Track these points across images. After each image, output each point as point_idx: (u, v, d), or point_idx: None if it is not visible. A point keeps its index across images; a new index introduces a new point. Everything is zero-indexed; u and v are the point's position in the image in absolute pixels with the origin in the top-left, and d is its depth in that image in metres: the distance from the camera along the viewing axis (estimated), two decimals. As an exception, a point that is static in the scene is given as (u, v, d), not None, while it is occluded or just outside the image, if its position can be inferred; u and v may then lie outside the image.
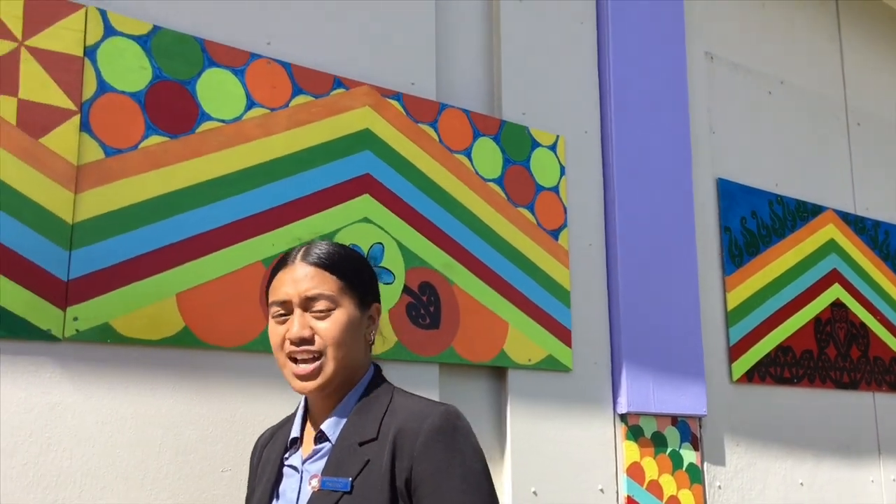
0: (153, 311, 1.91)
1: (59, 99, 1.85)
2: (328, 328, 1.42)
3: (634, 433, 2.77)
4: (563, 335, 2.65)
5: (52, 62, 1.85)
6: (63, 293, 1.80)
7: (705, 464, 2.98)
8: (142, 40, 1.99)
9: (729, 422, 3.10)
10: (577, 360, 2.68)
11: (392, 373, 2.18)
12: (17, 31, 1.82)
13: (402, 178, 2.38)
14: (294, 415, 1.55)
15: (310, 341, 1.42)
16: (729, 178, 3.33)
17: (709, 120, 3.31)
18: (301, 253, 1.48)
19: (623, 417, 2.75)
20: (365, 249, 2.27)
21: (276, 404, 2.06)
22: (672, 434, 2.88)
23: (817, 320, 3.47)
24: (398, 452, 1.36)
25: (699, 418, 2.96)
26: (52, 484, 1.75)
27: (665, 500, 2.80)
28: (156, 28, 2.02)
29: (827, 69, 3.85)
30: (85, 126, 1.88)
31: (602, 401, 2.72)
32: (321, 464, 1.42)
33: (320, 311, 1.43)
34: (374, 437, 1.40)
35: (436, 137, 2.47)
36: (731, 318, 3.20)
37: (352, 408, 1.45)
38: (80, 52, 1.90)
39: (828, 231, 3.61)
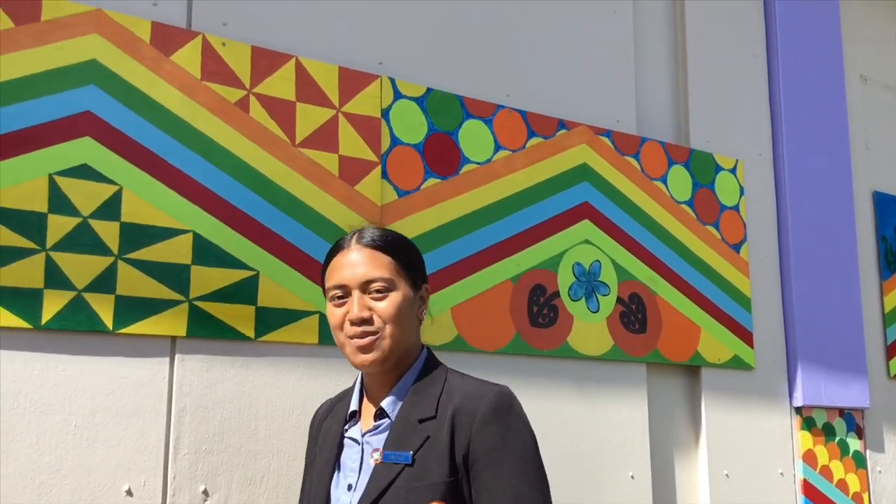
0: (435, 322, 2.36)
1: (366, 153, 2.31)
2: (385, 308, 1.51)
3: (808, 424, 3.11)
4: (746, 337, 3.02)
5: (359, 123, 2.32)
6: (374, 309, 2.27)
7: (868, 451, 3.30)
8: (419, 101, 2.44)
9: (887, 413, 3.41)
10: (759, 359, 3.04)
11: (606, 371, 2.60)
12: (335, 100, 2.29)
13: (613, 205, 2.78)
14: (351, 390, 1.66)
15: (369, 321, 1.50)
16: (884, 190, 3.62)
17: (864, 137, 3.60)
18: (355, 237, 1.57)
19: (798, 410, 3.10)
20: (586, 266, 2.68)
21: (528, 396, 2.48)
22: (840, 424, 3.21)
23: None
24: (457, 430, 1.45)
25: (862, 410, 3.28)
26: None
27: (835, 482, 3.14)
28: (429, 90, 2.46)
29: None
30: (384, 174, 2.34)
31: (780, 395, 3.08)
32: (381, 437, 1.51)
33: (378, 293, 1.52)
34: (432, 415, 1.48)
35: (638, 167, 2.86)
36: (889, 318, 3.50)
37: (409, 387, 1.54)
38: (378, 114, 2.35)
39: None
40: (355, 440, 1.55)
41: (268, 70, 2.19)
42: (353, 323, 1.51)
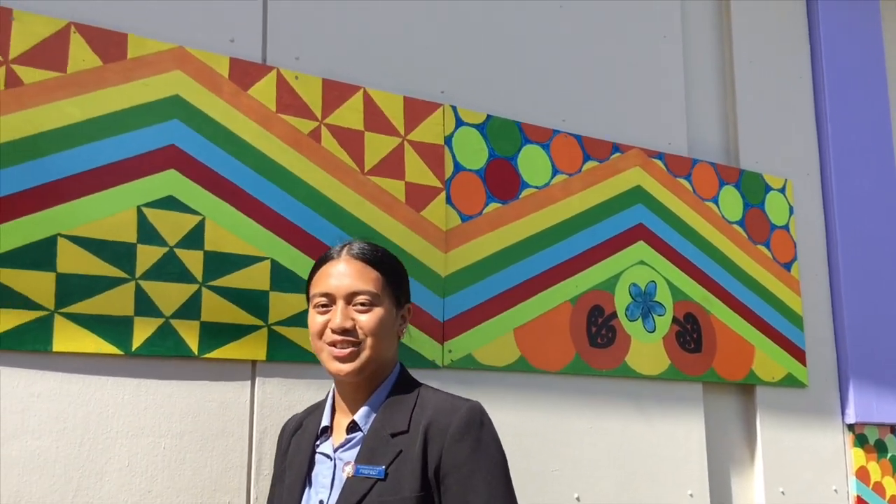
0: (499, 344, 2.42)
1: (430, 179, 2.38)
2: (368, 321, 1.53)
3: (860, 441, 3.13)
4: (799, 355, 3.04)
5: (424, 151, 2.38)
6: (440, 331, 2.33)
7: (920, 468, 3.31)
8: (480, 127, 2.50)
9: (939, 431, 3.42)
10: (811, 376, 3.06)
11: (663, 390, 2.63)
12: (401, 128, 2.36)
13: (667, 226, 2.82)
14: (321, 405, 1.67)
15: (352, 332, 1.53)
16: (930, 207, 3.63)
17: (909, 154, 3.62)
18: (346, 249, 1.59)
19: (850, 427, 3.12)
20: (642, 287, 2.72)
21: (588, 416, 2.53)
22: (892, 441, 3.23)
23: None
24: (429, 444, 1.46)
25: (914, 427, 3.30)
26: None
27: (888, 498, 3.15)
28: (489, 117, 2.53)
29: None
30: (448, 199, 2.40)
31: (832, 412, 3.10)
32: (353, 452, 1.51)
33: (362, 305, 1.54)
34: (405, 429, 1.49)
35: (690, 189, 2.91)
36: (937, 335, 3.51)
37: (382, 401, 1.55)
38: (441, 141, 2.42)
39: None
40: (328, 455, 1.56)
41: (338, 101, 2.26)
42: (333, 331, 1.53)
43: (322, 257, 1.63)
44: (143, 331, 1.91)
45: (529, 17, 2.69)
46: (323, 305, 1.56)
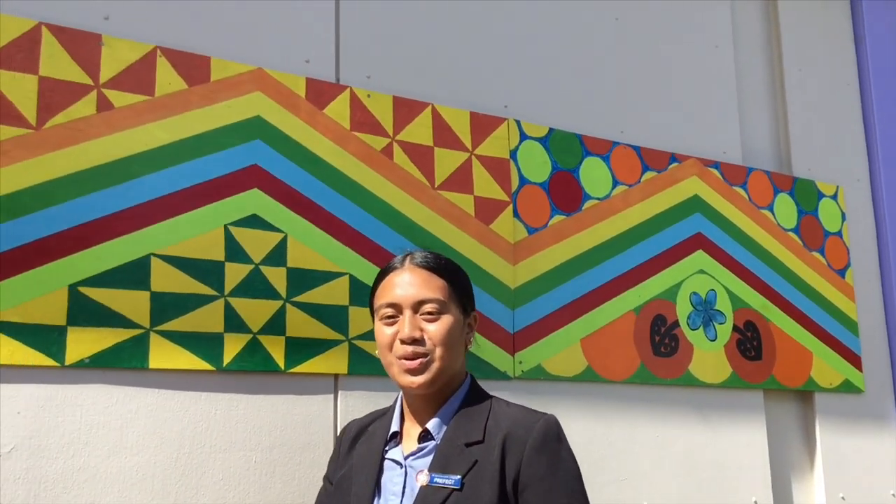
0: (567, 354, 2.44)
1: (498, 193, 2.41)
2: (437, 330, 1.50)
3: (918, 445, 3.13)
4: (855, 361, 3.06)
5: (491, 165, 2.42)
6: (511, 343, 2.36)
7: (976, 472, 3.31)
8: (542, 141, 2.54)
9: None
10: (867, 382, 3.08)
11: (725, 398, 2.66)
12: (468, 143, 2.40)
13: (724, 234, 2.85)
14: (386, 411, 1.66)
15: (420, 342, 1.50)
16: (978, 210, 3.64)
17: (956, 159, 3.63)
18: (409, 258, 1.57)
19: (908, 432, 3.13)
20: (703, 296, 2.74)
21: (653, 424, 2.55)
22: (948, 446, 3.23)
23: None
24: (507, 455, 1.44)
25: (969, 431, 3.30)
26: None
27: (946, 504, 3.15)
28: (551, 130, 2.56)
29: None
30: (515, 212, 2.44)
31: (889, 417, 3.11)
32: (427, 461, 1.49)
33: (430, 314, 1.51)
34: (480, 439, 1.47)
35: (746, 197, 2.93)
36: None
37: (455, 410, 1.53)
38: (506, 155, 2.46)
39: None
40: (398, 462, 1.53)
41: (408, 118, 2.30)
42: (403, 342, 1.50)
43: (384, 268, 1.61)
44: (232, 347, 1.95)
45: (587, 32, 2.73)
46: (389, 317, 1.54)
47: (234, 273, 1.98)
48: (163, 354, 1.87)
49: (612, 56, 2.77)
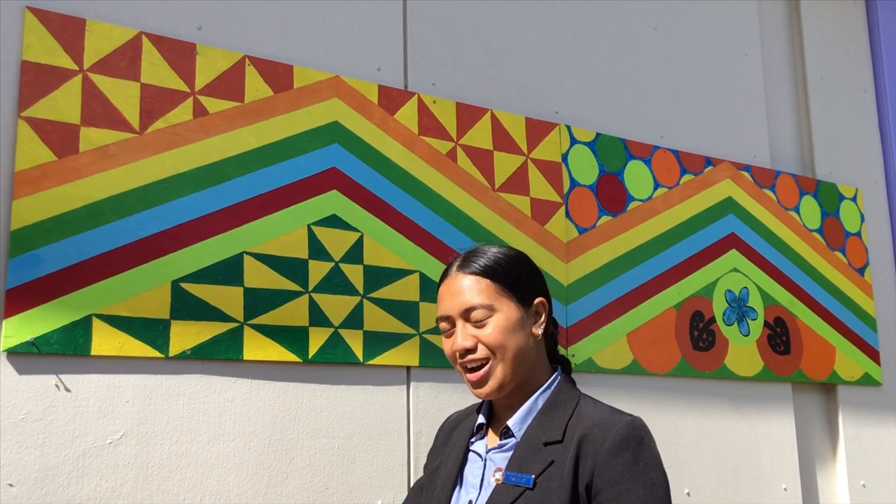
0: (615, 348, 2.58)
1: (551, 195, 2.54)
2: (489, 335, 1.44)
3: (932, 436, 3.30)
4: (874, 355, 3.22)
5: (545, 168, 2.55)
6: (564, 337, 2.49)
7: (984, 462, 3.48)
8: (590, 145, 2.67)
9: None
10: (885, 375, 3.24)
11: (757, 390, 2.80)
12: (524, 147, 2.52)
13: (755, 235, 2.99)
14: (483, 403, 1.61)
15: (473, 350, 1.45)
16: (984, 212, 3.81)
17: (964, 163, 3.81)
18: (458, 264, 1.52)
19: (922, 423, 3.29)
20: (737, 293, 2.89)
21: (692, 415, 2.70)
22: (959, 436, 3.40)
23: None
24: (582, 457, 1.37)
25: (978, 423, 3.47)
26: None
27: (958, 492, 3.32)
28: (598, 135, 2.69)
29: None
30: (567, 213, 2.57)
31: (906, 409, 3.28)
32: (505, 456, 1.46)
33: (479, 321, 1.46)
34: (559, 439, 1.41)
35: (774, 199, 3.08)
36: None
37: (538, 408, 1.47)
38: (559, 159, 2.58)
39: None
40: (479, 454, 1.51)
41: (469, 123, 2.43)
42: (459, 354, 1.47)
43: (441, 277, 1.56)
44: (317, 340, 2.06)
45: (629, 43, 2.86)
46: (447, 330, 1.51)
47: (317, 270, 2.09)
48: (255, 347, 1.98)
49: (652, 64, 2.90)
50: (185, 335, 1.90)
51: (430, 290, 2.25)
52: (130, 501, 1.80)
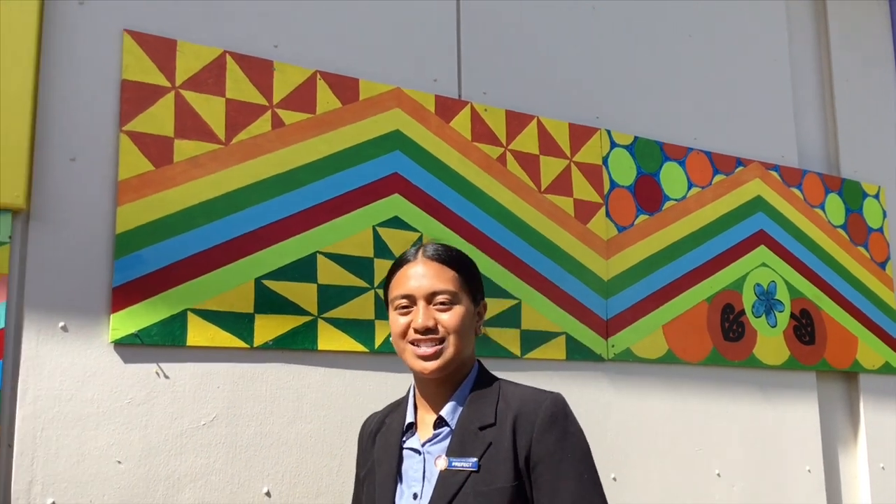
0: (651, 339, 2.76)
1: (593, 196, 2.72)
2: (450, 319, 1.56)
3: (949, 422, 3.47)
4: (893, 345, 3.38)
5: (587, 170, 2.72)
6: (604, 329, 2.67)
7: None
8: (629, 148, 2.84)
9: None
10: (905, 364, 3.41)
11: (783, 379, 2.97)
12: (567, 151, 2.70)
13: (783, 231, 3.16)
14: (400, 403, 1.71)
15: (434, 330, 1.55)
16: None
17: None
18: (421, 251, 1.62)
19: (940, 410, 3.46)
20: (765, 286, 3.06)
21: (723, 401, 2.88)
22: (975, 423, 3.56)
23: None
24: (518, 435, 1.50)
25: None
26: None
27: (973, 475, 3.49)
28: (636, 138, 2.86)
29: None
30: (607, 213, 2.74)
31: (924, 396, 3.44)
32: (443, 445, 1.54)
33: (442, 304, 1.57)
34: (492, 422, 1.52)
35: (801, 197, 3.24)
36: None
37: (466, 396, 1.58)
38: (599, 162, 2.76)
39: None
40: (416, 450, 1.58)
41: (517, 129, 2.60)
42: (417, 331, 1.56)
43: (398, 260, 1.66)
44: (381, 332, 2.26)
45: (664, 49, 3.02)
46: (404, 307, 1.59)
47: (382, 268, 2.28)
48: (329, 338, 2.18)
49: (685, 70, 3.06)
50: (267, 327, 2.10)
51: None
52: (222, 476, 2.01)
